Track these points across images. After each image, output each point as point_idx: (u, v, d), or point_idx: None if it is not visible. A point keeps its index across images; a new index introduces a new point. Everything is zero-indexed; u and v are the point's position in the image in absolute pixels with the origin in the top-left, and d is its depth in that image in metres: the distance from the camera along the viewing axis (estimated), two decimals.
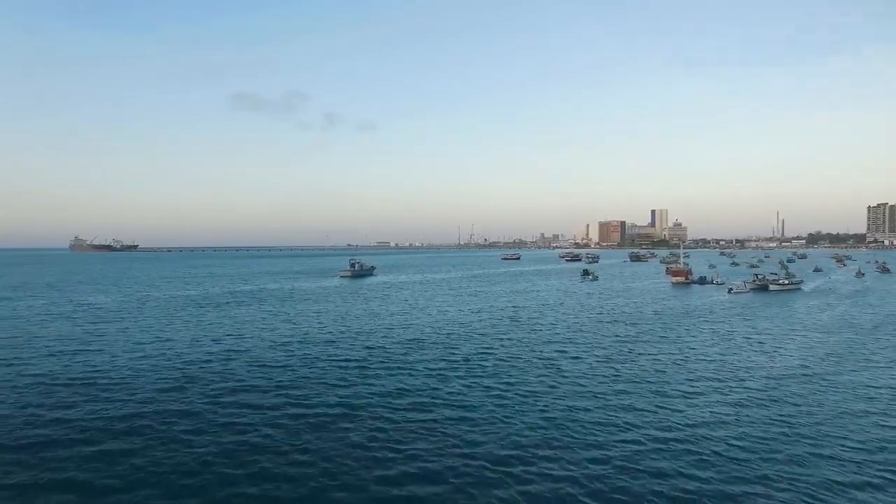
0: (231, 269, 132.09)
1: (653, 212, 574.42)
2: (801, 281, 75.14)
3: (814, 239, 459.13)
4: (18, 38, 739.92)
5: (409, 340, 34.24)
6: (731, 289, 66.58)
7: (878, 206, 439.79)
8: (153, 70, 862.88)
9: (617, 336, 35.90)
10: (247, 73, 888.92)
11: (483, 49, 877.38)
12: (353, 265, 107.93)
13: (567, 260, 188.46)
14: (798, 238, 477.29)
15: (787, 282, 69.87)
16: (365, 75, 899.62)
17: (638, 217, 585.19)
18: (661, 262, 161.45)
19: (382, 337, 35.58)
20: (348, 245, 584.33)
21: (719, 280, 78.70)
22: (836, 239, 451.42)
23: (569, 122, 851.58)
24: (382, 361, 28.18)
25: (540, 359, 28.77)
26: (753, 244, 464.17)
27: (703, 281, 78.87)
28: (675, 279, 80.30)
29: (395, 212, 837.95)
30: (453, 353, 30.10)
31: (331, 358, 28.99)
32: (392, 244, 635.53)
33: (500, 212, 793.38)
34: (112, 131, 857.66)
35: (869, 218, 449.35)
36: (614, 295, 64.22)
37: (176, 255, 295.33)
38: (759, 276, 73.69)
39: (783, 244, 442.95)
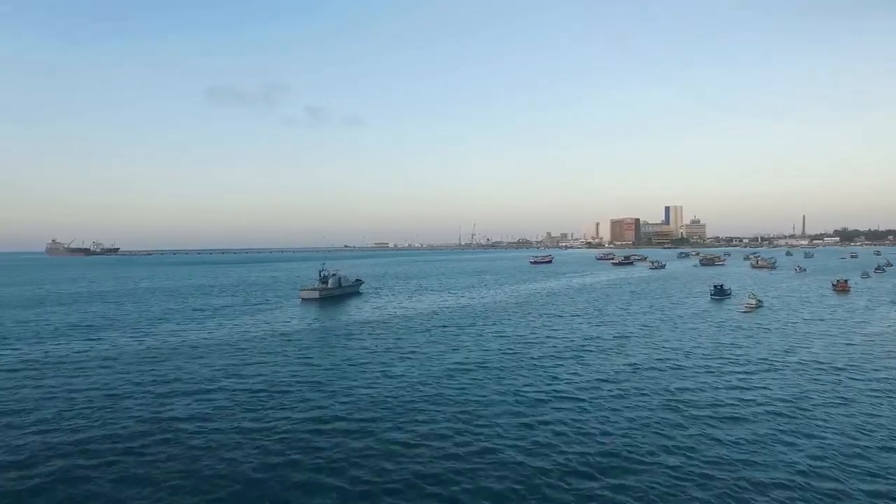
0: (157, 283, 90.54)
1: (667, 209, 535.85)
2: None
3: (848, 236, 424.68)
4: None
5: None
6: None
7: None
8: (131, 69, 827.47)
9: None
10: (224, 66, 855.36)
11: (483, 46, 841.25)
12: (324, 278, 65.30)
13: (614, 264, 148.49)
14: (827, 235, 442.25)
15: None
16: (353, 70, 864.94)
17: (649, 215, 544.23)
18: (752, 266, 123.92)
19: None
20: (345, 246, 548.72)
21: None
22: (872, 235, 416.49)
23: (571, 121, 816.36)
24: None
25: None
26: (782, 241, 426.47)
27: None
28: None
29: (392, 211, 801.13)
30: None
31: None
32: (390, 245, 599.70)
33: (502, 210, 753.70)
34: (97, 132, 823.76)
35: None
36: None
37: (128, 260, 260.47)
38: None
39: (814, 241, 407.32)
